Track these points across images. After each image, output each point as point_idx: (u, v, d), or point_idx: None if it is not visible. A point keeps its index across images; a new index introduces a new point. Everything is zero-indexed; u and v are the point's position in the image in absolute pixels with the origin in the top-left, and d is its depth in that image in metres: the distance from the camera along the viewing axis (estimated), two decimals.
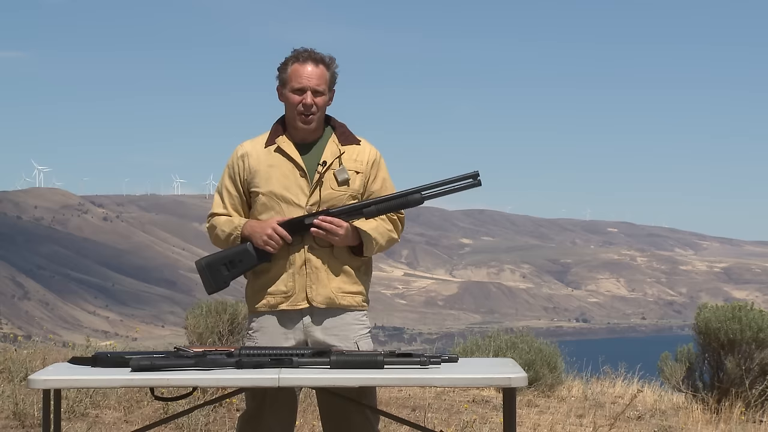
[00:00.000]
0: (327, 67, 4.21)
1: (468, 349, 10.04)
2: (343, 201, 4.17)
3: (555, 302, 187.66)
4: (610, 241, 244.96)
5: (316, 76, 4.17)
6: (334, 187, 4.17)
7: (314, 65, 4.18)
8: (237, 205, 4.27)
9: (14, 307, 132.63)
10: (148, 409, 7.20)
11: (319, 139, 4.24)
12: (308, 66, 4.18)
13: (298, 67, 4.18)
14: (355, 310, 4.22)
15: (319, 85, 4.17)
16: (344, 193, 4.18)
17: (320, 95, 4.18)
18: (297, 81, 4.17)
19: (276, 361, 3.71)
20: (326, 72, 4.20)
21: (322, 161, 4.18)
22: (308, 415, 6.99)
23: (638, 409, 8.77)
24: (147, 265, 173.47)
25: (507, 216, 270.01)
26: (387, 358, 3.73)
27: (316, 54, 4.21)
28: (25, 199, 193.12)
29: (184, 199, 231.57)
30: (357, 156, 4.23)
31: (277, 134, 4.25)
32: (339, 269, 4.17)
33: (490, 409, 8.30)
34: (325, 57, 4.22)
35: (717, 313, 8.88)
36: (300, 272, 4.14)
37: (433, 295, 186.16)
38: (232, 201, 4.27)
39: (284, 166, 4.18)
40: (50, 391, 3.69)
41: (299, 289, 4.14)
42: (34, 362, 8.28)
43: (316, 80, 4.17)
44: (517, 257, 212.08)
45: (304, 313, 4.16)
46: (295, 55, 4.22)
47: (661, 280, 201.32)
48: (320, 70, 4.18)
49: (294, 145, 4.21)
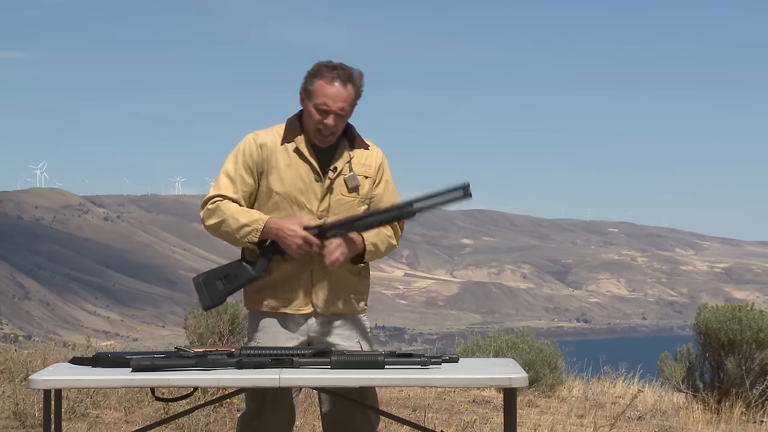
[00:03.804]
0: (354, 86, 4.08)
1: (468, 349, 10.03)
2: (353, 207, 4.16)
3: (555, 302, 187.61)
4: (611, 242, 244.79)
5: (342, 99, 4.04)
6: (344, 194, 4.15)
7: (342, 86, 4.05)
8: (247, 194, 4.12)
9: (15, 307, 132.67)
10: (148, 410, 7.19)
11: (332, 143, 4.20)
12: (336, 85, 4.04)
13: (325, 86, 4.04)
14: (358, 312, 4.24)
15: (344, 108, 4.06)
16: (354, 200, 4.17)
17: (343, 117, 4.09)
18: (322, 100, 4.04)
19: (276, 362, 3.72)
20: (353, 92, 4.08)
21: (333, 167, 4.13)
22: (308, 416, 6.99)
23: (639, 409, 8.77)
24: (148, 265, 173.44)
25: (507, 216, 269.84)
26: (387, 358, 3.74)
27: (346, 71, 4.08)
28: (26, 199, 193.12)
29: (185, 199, 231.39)
30: (366, 160, 4.20)
31: (294, 132, 4.14)
32: (342, 274, 4.17)
33: (490, 409, 8.30)
34: (354, 74, 4.09)
35: (717, 314, 8.88)
36: (304, 277, 4.14)
37: (434, 296, 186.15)
38: (244, 189, 4.11)
39: (301, 168, 4.12)
40: (51, 391, 3.69)
41: (303, 294, 4.14)
42: (34, 362, 8.28)
43: (342, 103, 4.04)
44: (517, 257, 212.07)
45: (307, 317, 4.17)
46: (324, 70, 4.07)
47: (662, 280, 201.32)
48: (347, 92, 4.05)
49: (311, 146, 4.14)
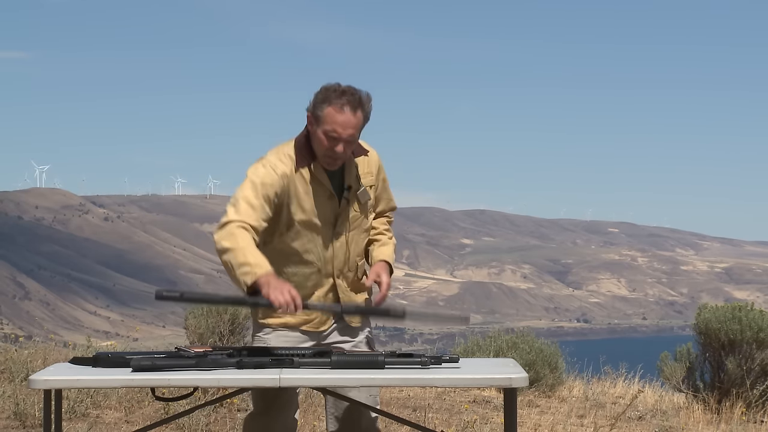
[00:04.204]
0: (363, 112, 4.00)
1: (469, 349, 10.04)
2: (366, 220, 4.19)
3: (556, 302, 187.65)
4: (611, 242, 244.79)
5: (352, 126, 3.96)
6: (357, 209, 4.15)
7: (352, 113, 3.96)
8: (265, 223, 4.00)
9: (15, 308, 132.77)
10: (148, 410, 7.20)
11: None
12: (346, 112, 3.95)
13: (335, 114, 3.95)
14: (366, 324, 4.29)
15: (353, 134, 3.98)
16: (365, 212, 4.19)
17: (352, 143, 4.02)
18: (331, 127, 3.95)
19: (277, 362, 3.72)
20: (362, 118, 4.00)
21: (348, 186, 4.11)
22: (308, 416, 7.00)
23: (639, 409, 8.77)
24: (148, 265, 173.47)
25: (508, 216, 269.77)
26: (388, 358, 3.74)
27: (355, 97, 3.98)
28: (26, 199, 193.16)
29: (185, 199, 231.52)
30: (368, 167, 4.18)
31: (306, 157, 4.05)
32: (359, 287, 4.23)
33: (491, 409, 8.30)
34: (363, 99, 4.00)
35: (717, 314, 8.89)
36: (326, 298, 4.16)
37: (434, 296, 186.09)
38: (263, 218, 3.98)
39: (318, 194, 4.06)
40: (51, 391, 3.69)
41: (323, 317, 4.17)
42: (34, 362, 8.29)
43: (351, 130, 3.96)
44: (518, 257, 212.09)
45: (323, 330, 4.20)
46: (332, 96, 3.98)
47: (662, 280, 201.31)
48: (356, 119, 3.97)
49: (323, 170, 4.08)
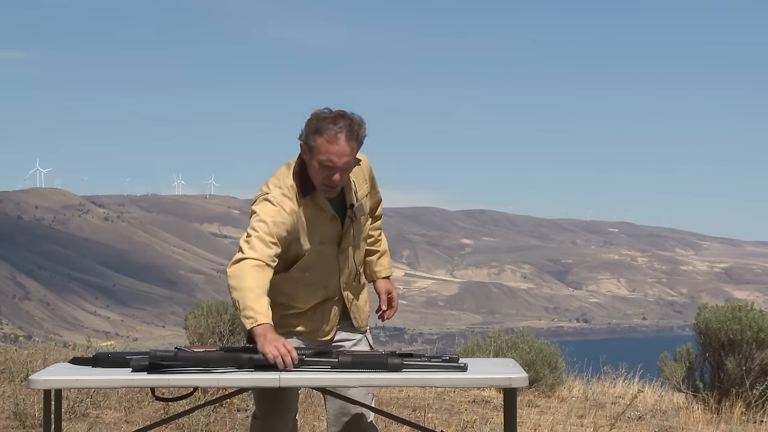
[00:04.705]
0: (357, 139, 3.94)
1: (469, 349, 10.03)
2: (367, 229, 4.21)
3: (556, 302, 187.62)
4: (611, 242, 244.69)
5: (347, 154, 3.91)
6: (358, 223, 4.16)
7: (346, 141, 3.90)
8: (276, 260, 3.93)
9: (15, 308, 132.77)
10: (148, 410, 7.20)
11: None
12: (340, 141, 3.89)
13: (328, 145, 3.88)
14: (367, 326, 4.34)
15: (349, 161, 3.94)
16: (365, 222, 4.20)
17: (348, 170, 3.98)
18: (326, 157, 3.90)
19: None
20: (356, 144, 3.94)
21: (350, 205, 4.09)
22: (308, 416, 7.00)
23: (639, 409, 8.77)
24: (148, 265, 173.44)
25: (508, 216, 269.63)
26: (388, 358, 3.74)
27: (346, 122, 3.91)
28: (26, 199, 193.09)
29: (185, 199, 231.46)
30: (362, 176, 4.17)
31: (307, 187, 4.00)
32: (359, 290, 4.25)
33: (490, 409, 8.30)
34: (355, 125, 3.93)
35: (717, 314, 8.89)
36: (332, 310, 4.16)
37: (434, 296, 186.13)
38: (277, 255, 3.92)
39: (323, 221, 4.05)
40: (51, 391, 3.70)
41: (330, 327, 4.17)
42: (34, 362, 8.28)
43: (347, 158, 3.92)
44: (517, 257, 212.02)
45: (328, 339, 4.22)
46: (324, 125, 3.91)
47: (662, 280, 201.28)
48: (350, 147, 3.91)
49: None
